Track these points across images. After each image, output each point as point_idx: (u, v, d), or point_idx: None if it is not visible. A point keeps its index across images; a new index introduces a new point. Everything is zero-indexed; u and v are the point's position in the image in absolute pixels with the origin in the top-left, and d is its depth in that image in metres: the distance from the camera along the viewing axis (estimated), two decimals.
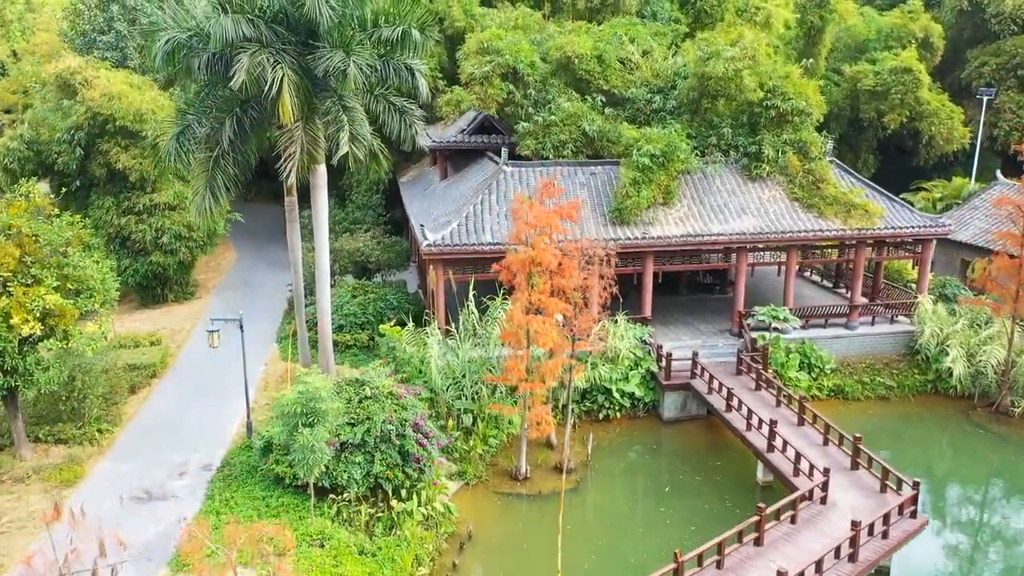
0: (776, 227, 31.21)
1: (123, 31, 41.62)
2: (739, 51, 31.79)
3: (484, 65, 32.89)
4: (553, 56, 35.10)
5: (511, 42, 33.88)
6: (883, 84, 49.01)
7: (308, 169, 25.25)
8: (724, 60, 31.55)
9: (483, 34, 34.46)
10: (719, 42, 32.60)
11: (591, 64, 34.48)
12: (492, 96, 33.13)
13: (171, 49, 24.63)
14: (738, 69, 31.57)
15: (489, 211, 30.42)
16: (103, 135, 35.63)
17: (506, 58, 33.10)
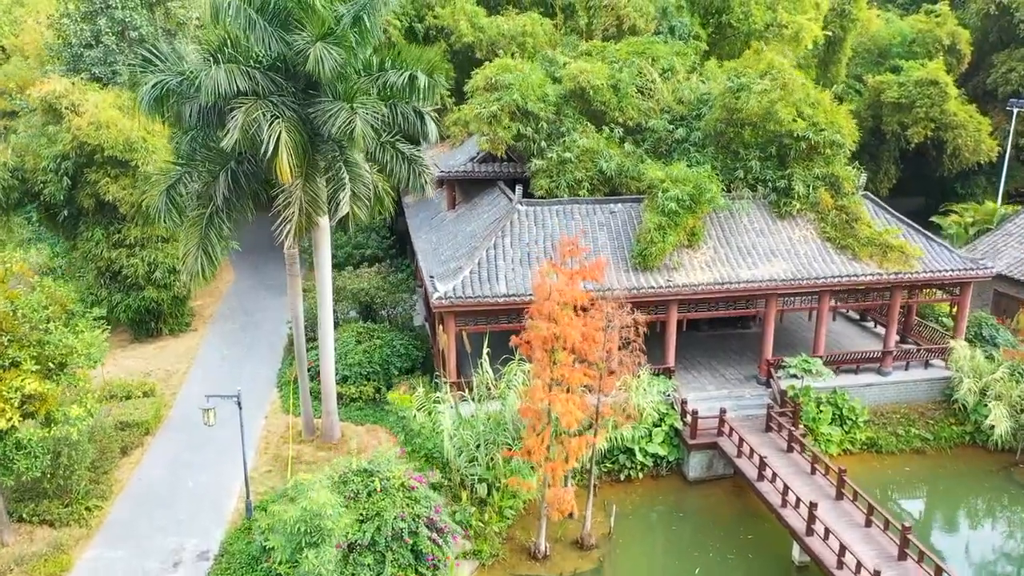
0: (808, 272, 29.29)
1: (112, 45, 39.34)
2: (770, 82, 29.68)
3: (491, 104, 30.74)
4: (566, 84, 32.96)
5: (519, 76, 31.62)
6: (907, 96, 46.85)
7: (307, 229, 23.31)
8: (756, 95, 29.46)
9: (490, 68, 32.20)
10: (749, 73, 30.47)
11: (606, 95, 32.33)
12: (501, 137, 31.07)
13: (159, 95, 22.67)
14: (772, 101, 29.47)
15: (503, 256, 28.48)
16: (91, 165, 33.56)
17: (515, 96, 30.96)
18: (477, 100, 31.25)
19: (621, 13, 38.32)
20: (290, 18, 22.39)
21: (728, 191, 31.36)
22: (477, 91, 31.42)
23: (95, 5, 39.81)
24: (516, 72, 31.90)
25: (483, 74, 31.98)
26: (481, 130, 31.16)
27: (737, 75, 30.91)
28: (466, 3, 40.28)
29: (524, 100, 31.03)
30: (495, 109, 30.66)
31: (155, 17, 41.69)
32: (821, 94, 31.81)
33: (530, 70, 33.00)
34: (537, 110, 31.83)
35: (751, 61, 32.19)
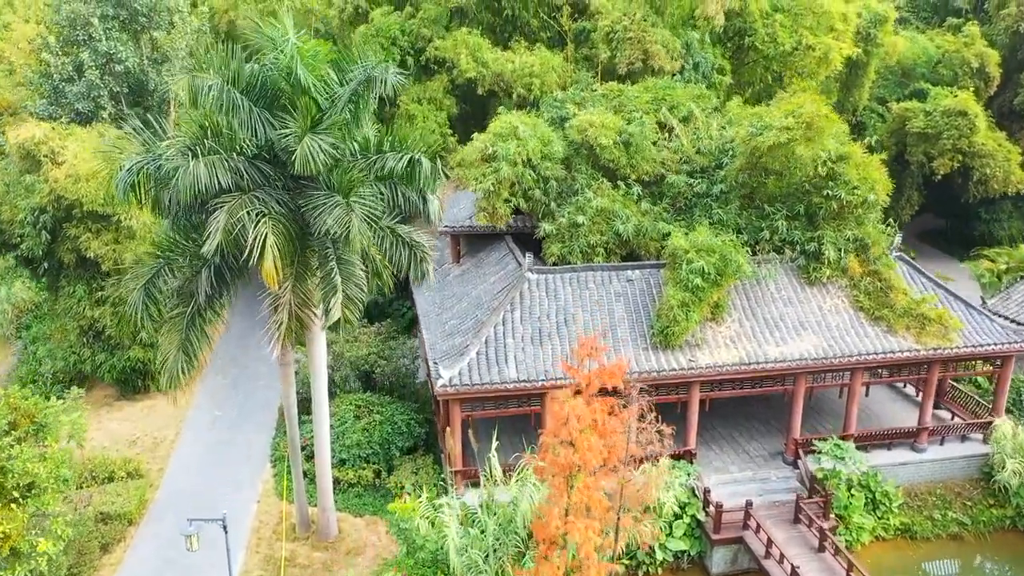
0: (840, 348, 27.20)
1: (95, 79, 36.97)
2: (793, 120, 27.34)
3: (487, 178, 28.48)
4: (573, 136, 30.68)
5: (520, 142, 29.25)
6: (934, 127, 44.55)
7: (298, 333, 21.23)
8: (776, 131, 27.19)
9: (486, 135, 29.78)
10: (774, 114, 28.18)
11: (615, 153, 30.06)
12: (500, 213, 28.90)
13: (135, 181, 20.55)
14: (792, 140, 27.19)
15: (512, 333, 26.39)
16: (70, 219, 31.46)
17: (516, 167, 28.74)
18: (472, 172, 28.98)
19: (648, 48, 35.84)
20: (279, 99, 20.27)
21: (753, 253, 29.23)
22: (473, 164, 29.10)
23: (76, 36, 37.38)
24: (517, 138, 29.34)
25: (480, 141, 29.57)
26: (478, 204, 28.92)
27: (761, 120, 28.62)
28: (468, 35, 37.85)
29: (522, 174, 28.81)
30: (490, 184, 28.39)
31: (141, 45, 39.26)
32: (851, 146, 29.51)
33: (535, 126, 30.65)
34: (544, 169, 29.63)
35: (776, 106, 29.86)
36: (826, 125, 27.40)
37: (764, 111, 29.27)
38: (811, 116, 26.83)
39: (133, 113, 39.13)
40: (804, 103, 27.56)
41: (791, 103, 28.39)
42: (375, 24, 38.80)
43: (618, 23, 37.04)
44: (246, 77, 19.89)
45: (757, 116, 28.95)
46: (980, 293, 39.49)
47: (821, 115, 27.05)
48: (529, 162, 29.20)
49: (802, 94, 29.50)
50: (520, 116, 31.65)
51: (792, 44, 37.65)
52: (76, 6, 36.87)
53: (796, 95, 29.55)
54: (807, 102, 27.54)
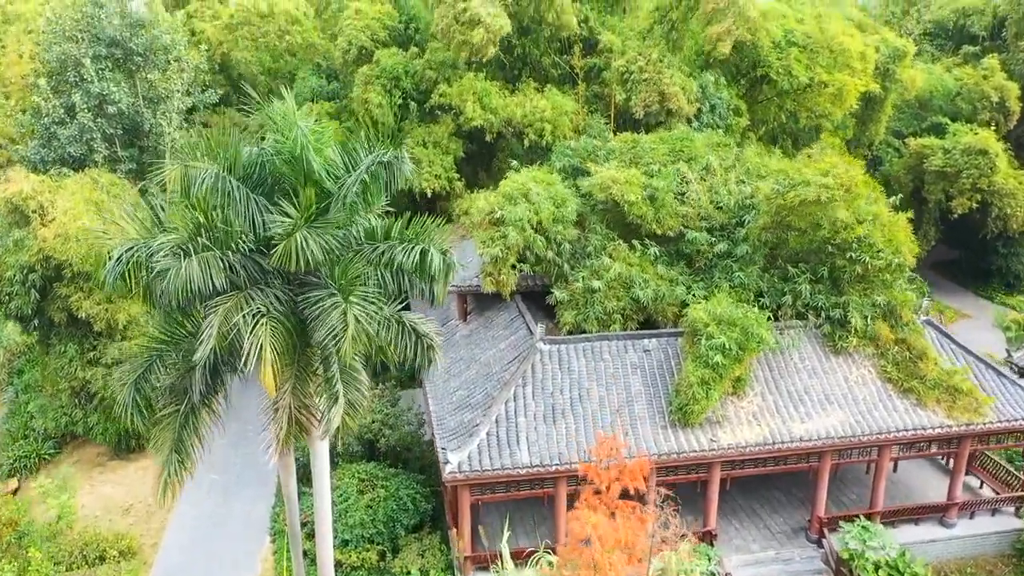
0: (868, 424, 25.89)
1: (87, 123, 35.59)
2: (832, 180, 26.03)
3: (495, 244, 27.10)
4: (595, 194, 29.36)
5: (532, 205, 27.90)
6: (953, 165, 43.27)
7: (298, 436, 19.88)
8: (815, 187, 25.85)
9: (494, 196, 28.34)
10: (806, 172, 26.83)
11: (643, 208, 28.74)
12: (507, 282, 27.60)
13: (125, 270, 19.20)
14: (832, 198, 25.86)
15: (524, 410, 25.08)
16: (60, 279, 30.13)
17: (526, 233, 27.42)
18: (479, 235, 27.61)
19: (665, 90, 34.43)
20: (280, 184, 18.94)
21: (775, 318, 27.94)
22: (481, 227, 27.73)
23: (68, 77, 36.03)
24: (528, 200, 27.96)
25: (487, 202, 28.15)
26: (484, 269, 27.57)
27: (788, 180, 27.28)
28: (475, 80, 36.42)
29: (536, 234, 27.50)
30: (498, 251, 27.02)
31: (136, 84, 37.86)
32: (878, 207, 28.22)
33: (549, 184, 29.30)
34: (556, 232, 28.29)
35: (803, 164, 28.48)
36: (863, 190, 26.09)
37: (790, 167, 27.88)
38: (849, 179, 25.55)
39: (128, 155, 37.94)
40: (836, 163, 26.25)
41: (824, 163, 27.02)
42: (380, 65, 37.39)
43: (633, 63, 35.65)
44: (244, 162, 18.57)
45: (783, 173, 27.57)
46: (1005, 346, 38.28)
47: (858, 179, 25.75)
48: (540, 226, 27.85)
49: (831, 153, 28.03)
50: (533, 172, 30.24)
51: (807, 79, 36.26)
52: (67, 47, 35.55)
53: (824, 153, 28.07)
54: (839, 162, 26.24)
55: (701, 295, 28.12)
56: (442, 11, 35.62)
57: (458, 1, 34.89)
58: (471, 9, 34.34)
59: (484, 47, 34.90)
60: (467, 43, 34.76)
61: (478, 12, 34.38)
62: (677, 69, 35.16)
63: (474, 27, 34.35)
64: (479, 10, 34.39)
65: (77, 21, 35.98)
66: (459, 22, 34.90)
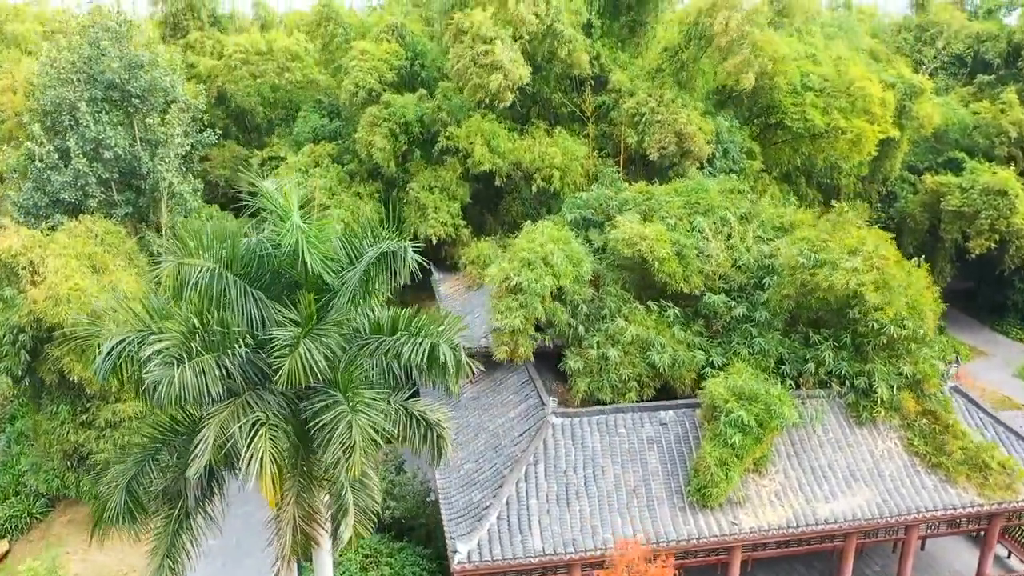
0: (895, 504, 24.70)
1: (82, 168, 34.45)
2: (862, 263, 24.88)
3: (513, 314, 25.82)
4: (620, 250, 28.14)
5: (550, 268, 26.69)
6: (971, 205, 42.17)
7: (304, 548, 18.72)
8: (843, 272, 24.71)
9: (509, 263, 26.99)
10: (831, 247, 25.66)
11: (672, 266, 27.56)
12: (524, 353, 26.39)
13: (115, 364, 18.13)
14: (862, 284, 24.72)
15: (535, 491, 23.91)
16: (51, 340, 28.99)
17: (546, 303, 26.22)
18: (496, 305, 26.39)
19: (681, 130, 33.31)
20: (279, 278, 17.84)
21: (797, 386, 26.82)
22: (500, 296, 26.48)
23: (62, 120, 34.92)
24: (547, 265, 26.76)
25: (503, 269, 26.88)
26: (499, 338, 26.35)
27: (813, 248, 26.14)
28: (483, 121, 35.30)
29: (556, 302, 26.34)
30: (518, 322, 25.77)
31: (133, 125, 36.69)
32: (911, 273, 27.02)
33: (564, 242, 28.13)
34: (573, 294, 27.13)
35: (825, 229, 27.28)
36: (899, 277, 24.78)
37: (813, 234, 26.59)
38: (881, 263, 24.34)
39: (124, 199, 36.82)
40: (865, 239, 25.04)
41: (851, 235, 25.77)
42: (388, 108, 36.10)
43: (644, 104, 34.56)
44: (242, 254, 17.46)
45: (808, 242, 26.36)
46: None
47: (890, 262, 24.49)
48: (560, 293, 26.68)
49: (854, 217, 26.75)
50: (547, 228, 29.04)
51: (823, 125, 35.16)
52: (62, 91, 34.43)
53: (850, 225, 26.77)
54: (867, 237, 25.03)
55: (720, 361, 27.01)
56: (459, 51, 34.42)
57: (477, 42, 33.78)
58: (493, 54, 33.17)
59: (502, 93, 33.82)
60: (484, 87, 33.63)
61: (500, 58, 33.25)
62: (692, 108, 34.04)
63: (493, 72, 33.22)
64: (501, 56, 33.27)
65: (73, 63, 34.87)
66: (477, 64, 33.76)
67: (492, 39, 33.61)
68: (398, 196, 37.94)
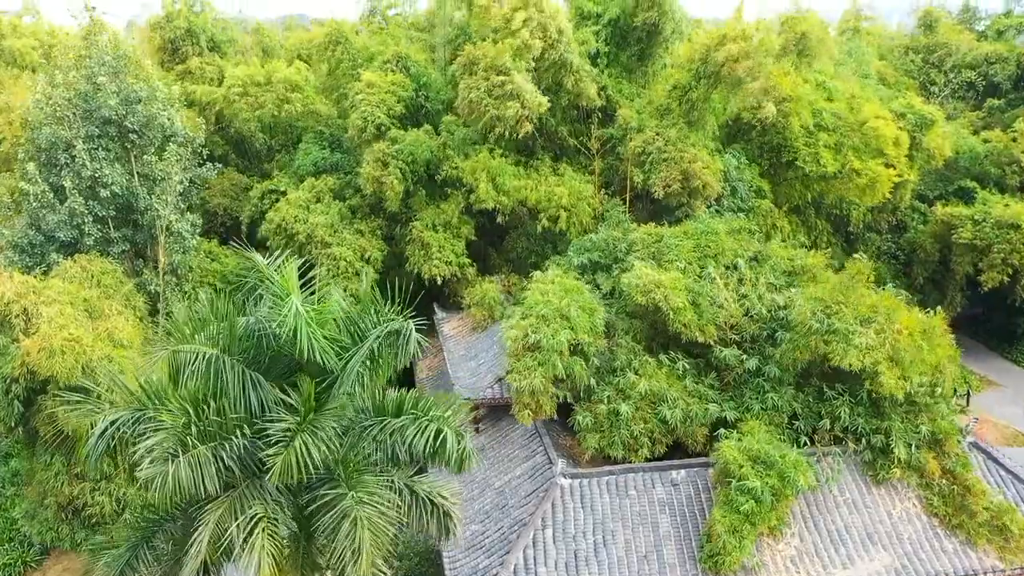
0: (914, 570, 23.87)
1: (77, 207, 33.71)
2: (875, 335, 24.09)
3: (533, 373, 24.90)
4: (635, 297, 27.33)
5: (569, 322, 25.87)
6: (984, 239, 41.33)
7: None
8: (856, 350, 23.95)
9: (526, 320, 25.83)
10: (844, 313, 24.82)
11: (688, 315, 26.80)
12: (546, 410, 25.55)
13: (109, 445, 17.42)
14: (876, 362, 23.98)
15: (544, 559, 23.15)
16: (44, 391, 28.26)
17: (565, 358, 25.38)
18: (514, 365, 25.52)
19: (687, 168, 32.52)
20: (279, 359, 17.11)
21: (811, 442, 26.07)
22: (518, 355, 25.56)
23: (58, 159, 34.20)
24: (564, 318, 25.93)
25: (519, 328, 25.98)
26: (520, 399, 25.51)
27: (826, 311, 25.36)
28: (489, 157, 34.50)
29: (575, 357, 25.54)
30: (538, 381, 24.88)
31: (131, 160, 35.92)
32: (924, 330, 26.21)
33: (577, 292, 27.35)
34: (588, 346, 26.35)
35: (839, 288, 26.42)
36: (914, 347, 23.91)
37: (828, 296, 25.68)
38: (896, 337, 23.50)
39: (121, 235, 36.05)
40: (880, 306, 24.16)
41: (865, 303, 24.81)
42: (395, 144, 35.13)
43: (651, 143, 33.77)
44: (240, 337, 16.73)
45: (821, 303, 25.53)
46: None
47: (907, 336, 23.63)
48: (578, 347, 25.91)
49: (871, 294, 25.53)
50: (560, 277, 28.24)
51: (836, 167, 34.36)
52: (57, 129, 33.70)
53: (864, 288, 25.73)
54: (883, 304, 24.15)
55: (732, 415, 26.27)
56: (472, 83, 33.47)
57: (492, 73, 32.92)
58: (512, 82, 32.31)
59: (520, 123, 32.98)
60: (501, 118, 32.73)
61: (520, 87, 32.43)
62: (702, 147, 33.27)
63: (510, 101, 32.37)
64: (521, 85, 32.45)
65: (69, 100, 34.14)
66: (492, 96, 32.87)
67: (509, 70, 32.83)
68: (401, 232, 37.19)
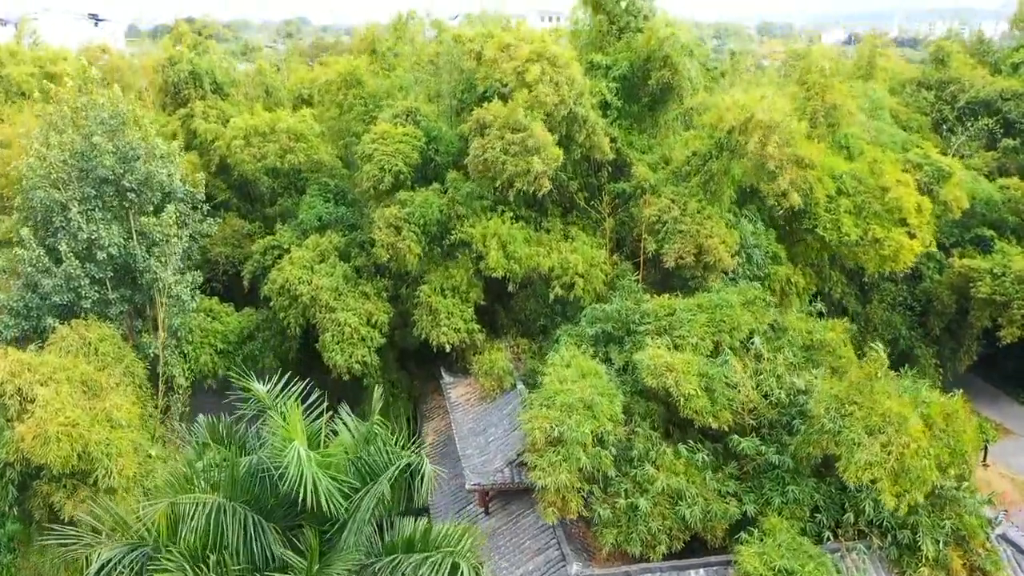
0: None
1: (74, 271, 32.73)
2: (880, 449, 23.02)
3: (558, 469, 23.86)
4: (646, 379, 26.42)
5: (592, 411, 24.90)
6: (1004, 294, 40.41)
7: None
8: (855, 466, 22.95)
9: (549, 410, 24.79)
10: (855, 416, 23.67)
11: (700, 401, 25.89)
12: (574, 508, 24.53)
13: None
14: (876, 479, 22.99)
15: None
16: (39, 477, 27.38)
17: (589, 451, 24.39)
18: (537, 462, 24.41)
19: (703, 243, 31.54)
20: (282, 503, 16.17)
21: (834, 536, 25.14)
22: (537, 450, 24.52)
23: (52, 222, 33.26)
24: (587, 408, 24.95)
25: (541, 419, 24.80)
26: (546, 499, 24.43)
27: (840, 412, 24.27)
28: (500, 224, 33.48)
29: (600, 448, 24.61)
30: (564, 477, 23.86)
31: (129, 219, 34.89)
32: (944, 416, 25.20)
33: (594, 374, 26.42)
34: (608, 431, 25.40)
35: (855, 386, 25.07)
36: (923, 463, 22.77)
37: (843, 393, 24.50)
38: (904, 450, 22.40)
39: (119, 295, 35.06)
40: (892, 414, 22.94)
41: (878, 410, 23.51)
42: (405, 207, 34.03)
43: (667, 212, 32.78)
44: (241, 479, 15.81)
45: (836, 400, 24.49)
46: None
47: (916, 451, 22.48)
48: (602, 442, 24.96)
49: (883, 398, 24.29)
50: (576, 358, 27.24)
51: (858, 234, 33.37)
52: (52, 192, 32.77)
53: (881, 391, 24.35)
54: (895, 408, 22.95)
55: (753, 510, 25.31)
56: (485, 143, 32.30)
57: (507, 131, 31.95)
58: (533, 137, 31.33)
59: (540, 180, 32.02)
60: (522, 175, 31.70)
61: (540, 141, 31.47)
62: (719, 218, 32.29)
63: (529, 156, 31.40)
64: (544, 137, 31.50)
65: (65, 161, 33.19)
66: (510, 154, 31.86)
67: (527, 125, 31.90)
68: (407, 292, 36.22)
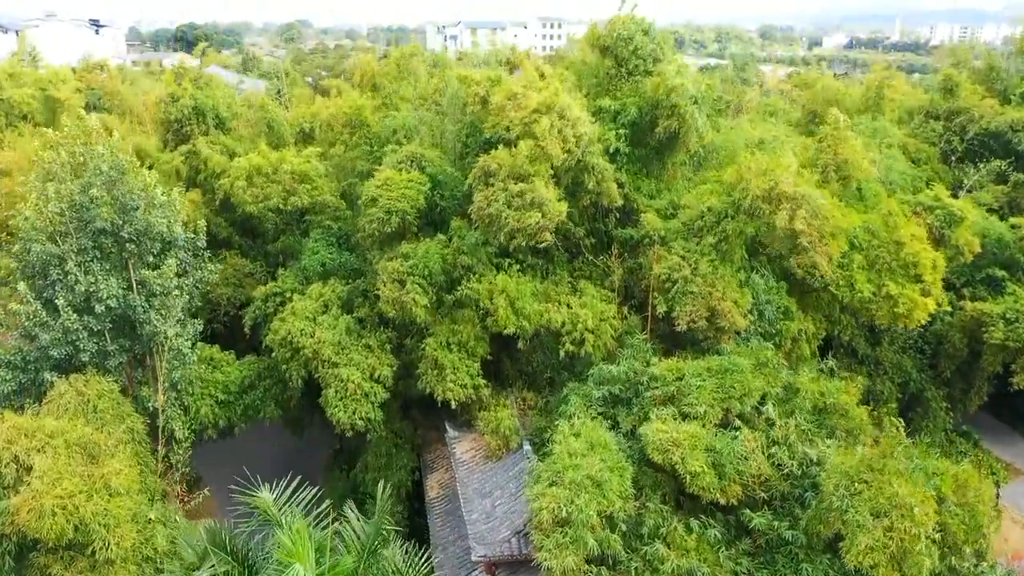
0: None
1: (71, 324, 32.09)
2: (882, 533, 22.34)
3: (565, 552, 23.09)
4: (651, 452, 25.83)
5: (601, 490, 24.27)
6: (1016, 340, 39.80)
7: None
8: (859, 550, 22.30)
9: (555, 488, 23.87)
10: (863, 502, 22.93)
11: (707, 478, 25.31)
12: None
13: None
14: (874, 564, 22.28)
15: None
16: (36, 548, 26.74)
17: (598, 534, 23.77)
18: (543, 543, 23.67)
19: (715, 306, 30.89)
20: None
21: None
22: (543, 529, 23.90)
23: (49, 275, 32.62)
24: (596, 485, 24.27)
25: (548, 498, 23.95)
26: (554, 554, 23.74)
27: (848, 490, 23.58)
28: (508, 281, 32.80)
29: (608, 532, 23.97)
30: (570, 560, 23.06)
31: (128, 268, 34.23)
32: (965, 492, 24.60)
33: (602, 447, 25.80)
34: (617, 509, 24.76)
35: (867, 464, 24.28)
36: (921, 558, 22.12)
37: (855, 470, 23.72)
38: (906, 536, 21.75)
39: (118, 346, 34.41)
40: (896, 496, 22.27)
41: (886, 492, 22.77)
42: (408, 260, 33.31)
43: (677, 271, 32.09)
44: None
45: (846, 477, 23.84)
46: None
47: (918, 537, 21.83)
48: (611, 520, 24.34)
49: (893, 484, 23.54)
50: (586, 428, 26.60)
51: (871, 290, 32.71)
52: (49, 246, 32.12)
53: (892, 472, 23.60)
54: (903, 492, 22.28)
55: None
56: (489, 194, 31.72)
57: (511, 182, 31.28)
58: (534, 191, 30.71)
59: (541, 234, 31.39)
60: (522, 229, 31.11)
61: (542, 196, 30.84)
62: (731, 278, 31.62)
63: (531, 210, 30.78)
64: (544, 193, 30.85)
65: (62, 212, 32.54)
66: (512, 207, 31.24)
67: (530, 176, 31.25)
68: (412, 343, 35.59)
